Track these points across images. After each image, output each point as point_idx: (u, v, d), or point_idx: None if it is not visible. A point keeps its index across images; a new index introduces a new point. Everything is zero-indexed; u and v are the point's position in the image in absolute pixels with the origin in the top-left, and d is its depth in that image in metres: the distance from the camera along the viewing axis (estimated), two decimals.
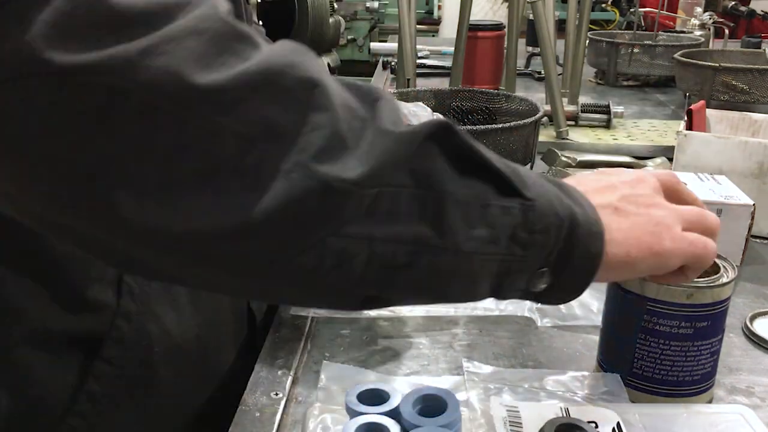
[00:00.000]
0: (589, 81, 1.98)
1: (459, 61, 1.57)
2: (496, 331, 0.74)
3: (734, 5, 2.99)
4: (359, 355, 0.70)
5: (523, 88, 1.83)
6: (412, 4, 1.46)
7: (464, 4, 1.54)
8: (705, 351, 0.60)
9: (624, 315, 0.61)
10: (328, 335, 0.74)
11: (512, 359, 0.70)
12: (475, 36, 1.69)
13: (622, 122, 1.51)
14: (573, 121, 1.48)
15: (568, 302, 0.55)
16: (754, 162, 0.97)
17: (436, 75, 2.02)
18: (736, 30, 2.88)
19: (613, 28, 3.57)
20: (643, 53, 1.91)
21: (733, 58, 1.69)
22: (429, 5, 4.91)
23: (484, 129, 1.09)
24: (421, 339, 0.73)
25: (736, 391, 0.65)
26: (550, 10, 1.49)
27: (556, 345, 0.72)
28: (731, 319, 0.66)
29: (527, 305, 0.78)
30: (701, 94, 1.50)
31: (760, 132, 1.11)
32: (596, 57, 1.97)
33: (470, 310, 0.78)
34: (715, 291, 0.58)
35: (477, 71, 1.73)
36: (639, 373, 0.61)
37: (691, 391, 0.61)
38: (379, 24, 4.42)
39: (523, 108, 1.24)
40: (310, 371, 0.67)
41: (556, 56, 1.46)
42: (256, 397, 0.63)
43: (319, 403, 0.60)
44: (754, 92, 1.47)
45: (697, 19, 2.14)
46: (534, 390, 0.62)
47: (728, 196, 0.87)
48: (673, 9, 2.83)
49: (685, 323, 0.58)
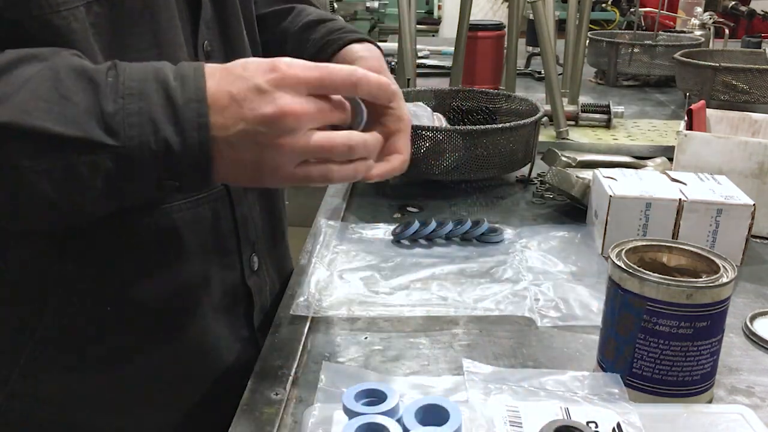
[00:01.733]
0: (589, 81, 1.98)
1: (459, 61, 1.57)
2: (496, 331, 0.74)
3: (734, 5, 2.99)
4: (359, 355, 0.70)
5: (523, 88, 1.83)
6: (412, 4, 1.46)
7: (464, 4, 1.54)
8: (705, 351, 0.60)
9: (624, 315, 0.61)
10: (328, 335, 0.74)
11: (512, 359, 0.70)
12: (475, 36, 1.69)
13: (622, 122, 1.51)
14: (573, 121, 1.48)
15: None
16: (754, 162, 0.97)
17: (436, 75, 2.02)
18: (736, 30, 2.87)
19: (613, 28, 3.57)
20: (643, 53, 1.91)
21: (733, 58, 1.69)
22: (429, 5, 4.91)
23: (484, 129, 1.09)
24: (421, 339, 0.73)
25: (736, 391, 0.65)
26: (550, 10, 1.49)
27: (556, 345, 0.72)
28: (731, 319, 0.66)
29: (527, 306, 0.78)
30: (701, 94, 1.50)
31: (760, 132, 1.11)
32: (596, 57, 1.97)
33: (470, 310, 0.78)
34: (715, 291, 0.58)
35: (477, 71, 1.73)
36: (639, 373, 0.61)
37: (690, 391, 0.61)
38: (379, 24, 4.42)
39: (523, 108, 1.24)
40: (310, 371, 0.67)
41: (556, 56, 1.46)
42: (256, 397, 0.63)
43: (319, 403, 0.60)
44: (754, 92, 1.47)
45: (697, 19, 2.15)
46: (534, 390, 0.62)
47: (728, 196, 0.87)
48: (673, 9, 2.83)
49: (684, 323, 0.58)
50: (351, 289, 0.82)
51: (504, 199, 1.12)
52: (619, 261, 0.61)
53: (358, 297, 0.80)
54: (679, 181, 0.92)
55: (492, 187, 1.17)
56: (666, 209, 0.87)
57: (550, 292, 0.82)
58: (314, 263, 0.87)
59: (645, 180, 0.93)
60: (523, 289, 0.82)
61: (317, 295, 0.80)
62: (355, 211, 1.06)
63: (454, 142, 1.08)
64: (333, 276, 0.85)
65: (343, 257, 0.90)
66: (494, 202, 1.11)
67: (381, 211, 1.06)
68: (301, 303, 0.78)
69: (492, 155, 1.10)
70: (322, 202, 1.09)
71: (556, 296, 0.81)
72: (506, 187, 1.18)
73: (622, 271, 0.60)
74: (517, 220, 1.04)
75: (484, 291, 0.82)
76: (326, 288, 0.82)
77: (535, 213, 1.07)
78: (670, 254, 0.66)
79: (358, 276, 0.85)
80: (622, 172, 0.96)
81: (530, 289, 0.82)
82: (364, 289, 0.82)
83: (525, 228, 0.99)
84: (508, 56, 1.63)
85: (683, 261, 0.65)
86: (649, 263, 0.65)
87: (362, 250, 0.92)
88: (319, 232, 0.95)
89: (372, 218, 1.03)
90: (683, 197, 0.87)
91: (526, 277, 0.85)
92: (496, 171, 1.13)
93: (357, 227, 0.98)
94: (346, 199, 1.10)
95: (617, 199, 0.88)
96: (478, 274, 0.86)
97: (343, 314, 0.77)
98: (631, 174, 0.96)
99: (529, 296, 0.81)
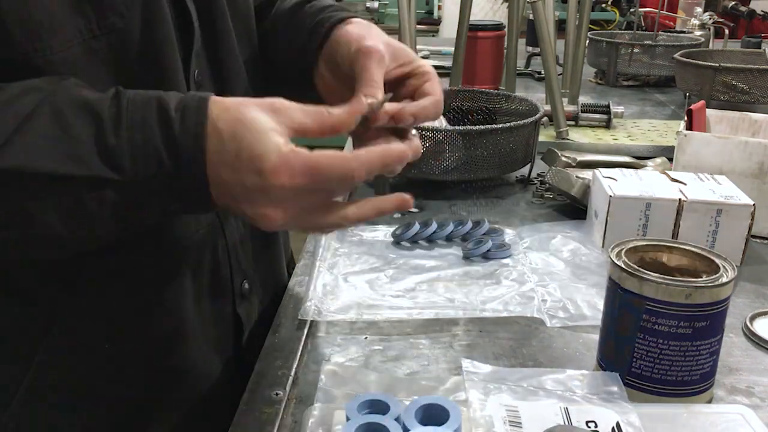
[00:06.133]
0: (589, 81, 1.98)
1: (459, 61, 1.57)
2: (496, 332, 0.75)
3: (734, 5, 2.99)
4: (359, 355, 0.70)
5: (523, 88, 1.83)
6: (412, 4, 1.46)
7: (464, 4, 1.54)
8: (704, 351, 0.60)
9: (623, 314, 0.61)
10: (328, 335, 0.74)
11: (512, 359, 0.70)
12: (475, 36, 1.69)
13: (622, 122, 1.51)
14: (573, 121, 1.48)
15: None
16: (754, 162, 0.97)
17: None
18: (736, 30, 2.87)
19: (613, 28, 3.57)
20: (643, 53, 1.91)
21: (733, 58, 1.69)
22: (429, 5, 4.91)
23: (484, 129, 1.09)
24: (421, 339, 0.73)
25: (736, 391, 0.65)
26: (550, 10, 1.49)
27: (556, 345, 0.72)
28: (731, 319, 0.66)
29: (535, 306, 0.78)
30: (701, 94, 1.50)
31: (760, 132, 1.11)
32: (596, 57, 1.97)
33: (478, 312, 0.78)
34: (714, 291, 0.58)
35: (477, 71, 1.73)
36: (638, 372, 0.61)
37: (690, 391, 0.61)
38: (379, 24, 4.41)
39: (523, 108, 1.24)
40: (310, 371, 0.67)
41: (556, 56, 1.46)
42: (256, 397, 0.63)
43: (319, 403, 0.60)
44: (754, 92, 1.47)
45: (697, 19, 2.15)
46: (533, 389, 0.62)
47: (728, 196, 0.87)
48: (673, 9, 2.83)
49: (684, 323, 0.59)
50: (357, 293, 0.82)
51: (504, 199, 1.12)
52: (618, 261, 0.61)
53: (365, 300, 0.80)
54: (679, 181, 0.92)
55: (492, 187, 1.17)
56: (666, 209, 0.87)
57: (557, 292, 0.82)
58: (318, 266, 0.87)
59: (645, 180, 0.93)
60: (529, 290, 0.82)
61: (324, 299, 0.80)
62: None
63: (454, 142, 1.08)
64: (338, 279, 0.84)
65: (345, 260, 0.90)
66: (494, 202, 1.11)
67: None
68: (309, 307, 0.77)
69: (492, 155, 1.10)
70: None
71: (563, 297, 0.81)
72: (506, 187, 1.18)
73: (622, 271, 0.61)
74: (517, 220, 1.04)
75: (491, 292, 0.82)
76: (332, 292, 0.82)
77: (535, 213, 1.07)
78: (670, 254, 0.66)
79: (362, 279, 0.85)
80: (622, 172, 0.96)
81: (537, 290, 0.82)
82: (370, 292, 0.82)
83: (525, 228, 0.99)
84: (508, 56, 1.63)
85: (683, 261, 0.65)
86: (649, 263, 0.65)
87: (364, 253, 0.92)
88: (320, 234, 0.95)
89: None
90: (683, 197, 0.87)
91: (531, 278, 0.85)
92: (496, 171, 1.13)
93: (356, 229, 0.98)
94: (345, 199, 1.09)
95: (617, 199, 0.88)
96: (483, 275, 0.86)
97: (352, 318, 0.77)
98: (631, 174, 0.96)
99: (536, 297, 0.81)
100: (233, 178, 0.52)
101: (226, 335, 0.74)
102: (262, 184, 0.52)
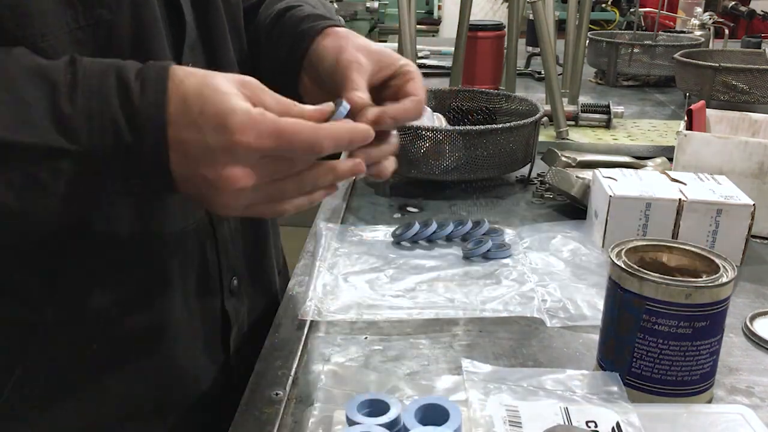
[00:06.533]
0: (589, 81, 1.98)
1: (459, 61, 1.57)
2: (496, 332, 0.75)
3: (734, 5, 2.99)
4: (359, 355, 0.70)
5: (523, 88, 1.83)
6: (412, 4, 1.46)
7: (464, 4, 1.54)
8: (704, 351, 0.60)
9: (623, 314, 0.61)
10: (328, 335, 0.74)
11: (512, 359, 0.70)
12: (475, 36, 1.69)
13: (622, 122, 1.51)
14: (573, 121, 1.48)
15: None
16: (754, 162, 0.97)
17: (436, 75, 2.02)
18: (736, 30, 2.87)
19: (613, 28, 3.57)
20: (643, 53, 1.91)
21: (733, 58, 1.69)
22: (429, 5, 4.91)
23: (484, 129, 1.09)
24: (421, 339, 0.73)
25: (736, 391, 0.65)
26: (550, 10, 1.49)
27: (556, 345, 0.72)
28: (731, 319, 0.66)
29: (535, 306, 0.78)
30: (701, 94, 1.50)
31: (760, 132, 1.11)
32: (596, 57, 1.97)
33: (478, 312, 0.78)
34: (714, 291, 0.58)
35: (477, 71, 1.73)
36: (638, 372, 0.61)
37: (690, 391, 0.61)
38: (379, 24, 4.42)
39: (523, 108, 1.24)
40: (310, 371, 0.67)
41: (556, 56, 1.46)
42: (256, 397, 0.63)
43: (319, 403, 0.60)
44: (754, 92, 1.47)
45: (697, 19, 2.15)
46: (533, 389, 0.62)
47: (728, 196, 0.87)
48: (673, 9, 2.83)
49: (684, 323, 0.59)
50: (357, 293, 0.82)
51: (504, 199, 1.12)
52: (618, 261, 0.61)
53: (365, 300, 0.80)
54: (679, 181, 0.92)
55: (492, 187, 1.17)
56: (666, 209, 0.87)
57: (557, 292, 0.82)
58: (318, 266, 0.87)
59: (645, 180, 0.93)
60: (529, 290, 0.82)
61: (324, 299, 0.80)
62: (355, 212, 1.06)
63: (454, 143, 1.08)
64: (338, 279, 0.84)
65: (345, 260, 0.90)
66: (494, 202, 1.11)
67: (381, 211, 1.07)
68: (309, 307, 0.77)
69: (492, 155, 1.10)
70: (322, 203, 1.09)
71: (563, 297, 0.81)
72: (506, 187, 1.18)
73: (622, 271, 0.61)
74: (517, 220, 1.04)
75: (491, 292, 0.82)
76: (332, 292, 0.82)
77: (535, 213, 1.07)
78: (670, 254, 0.66)
79: (362, 279, 0.85)
80: (622, 172, 0.96)
81: (537, 290, 0.82)
82: (370, 292, 0.82)
83: (525, 228, 0.99)
84: (508, 56, 1.63)
85: (683, 261, 0.65)
86: (649, 263, 0.65)
87: (364, 253, 0.92)
88: (320, 235, 0.95)
89: (372, 218, 1.03)
90: (683, 197, 0.87)
91: (531, 278, 0.85)
92: (496, 171, 1.13)
93: (356, 229, 0.98)
94: (345, 199, 1.10)
95: (617, 199, 0.88)
96: (483, 275, 0.86)
97: (352, 318, 0.77)
98: (631, 174, 0.96)
99: (536, 297, 0.81)
100: (195, 138, 0.50)
101: (214, 331, 0.73)
102: (225, 142, 0.50)
